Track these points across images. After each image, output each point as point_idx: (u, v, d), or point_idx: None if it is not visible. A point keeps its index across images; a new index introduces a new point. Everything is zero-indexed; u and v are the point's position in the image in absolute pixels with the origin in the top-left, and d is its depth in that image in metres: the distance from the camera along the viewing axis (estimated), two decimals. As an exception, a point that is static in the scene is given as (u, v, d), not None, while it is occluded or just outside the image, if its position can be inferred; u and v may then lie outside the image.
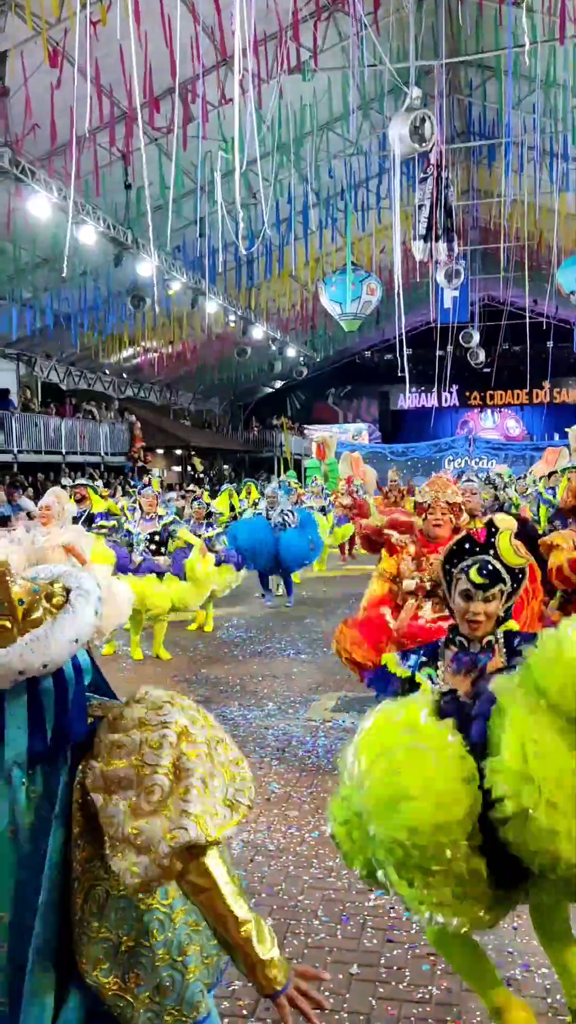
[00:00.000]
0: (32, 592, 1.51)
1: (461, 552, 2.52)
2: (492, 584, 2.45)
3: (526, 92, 14.37)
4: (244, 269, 19.19)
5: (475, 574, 2.44)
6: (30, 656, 1.44)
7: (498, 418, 34.33)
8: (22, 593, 1.50)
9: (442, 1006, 2.89)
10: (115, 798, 1.47)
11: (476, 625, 2.47)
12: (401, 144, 8.71)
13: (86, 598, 1.54)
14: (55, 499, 6.57)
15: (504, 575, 2.47)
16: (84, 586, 1.56)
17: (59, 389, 23.03)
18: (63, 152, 11.37)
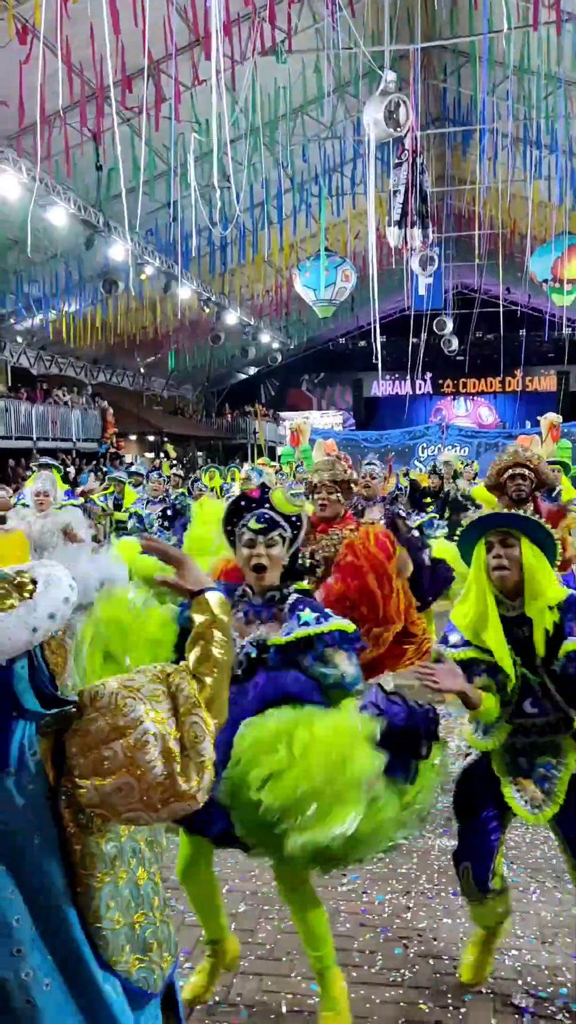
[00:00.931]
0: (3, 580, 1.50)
1: (239, 510, 2.68)
2: (270, 529, 2.61)
3: (501, 78, 14.36)
4: (218, 254, 19.03)
5: (253, 523, 2.62)
6: None
7: (471, 406, 34.49)
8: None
9: (415, 989, 2.90)
10: (122, 807, 1.50)
11: (262, 572, 2.61)
12: (376, 129, 8.65)
13: (50, 589, 1.51)
14: (50, 484, 6.50)
15: (282, 522, 2.64)
16: (52, 577, 1.54)
17: (30, 374, 22.71)
18: (32, 131, 11.14)
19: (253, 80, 11.78)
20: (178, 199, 14.19)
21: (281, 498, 2.68)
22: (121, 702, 1.52)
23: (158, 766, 1.49)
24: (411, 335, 19.30)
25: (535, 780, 2.69)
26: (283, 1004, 2.83)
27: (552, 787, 2.66)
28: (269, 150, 15.38)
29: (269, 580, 2.63)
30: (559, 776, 2.67)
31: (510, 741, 2.72)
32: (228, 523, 2.71)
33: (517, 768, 2.73)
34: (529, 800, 2.67)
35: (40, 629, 1.48)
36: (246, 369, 34.11)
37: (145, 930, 1.62)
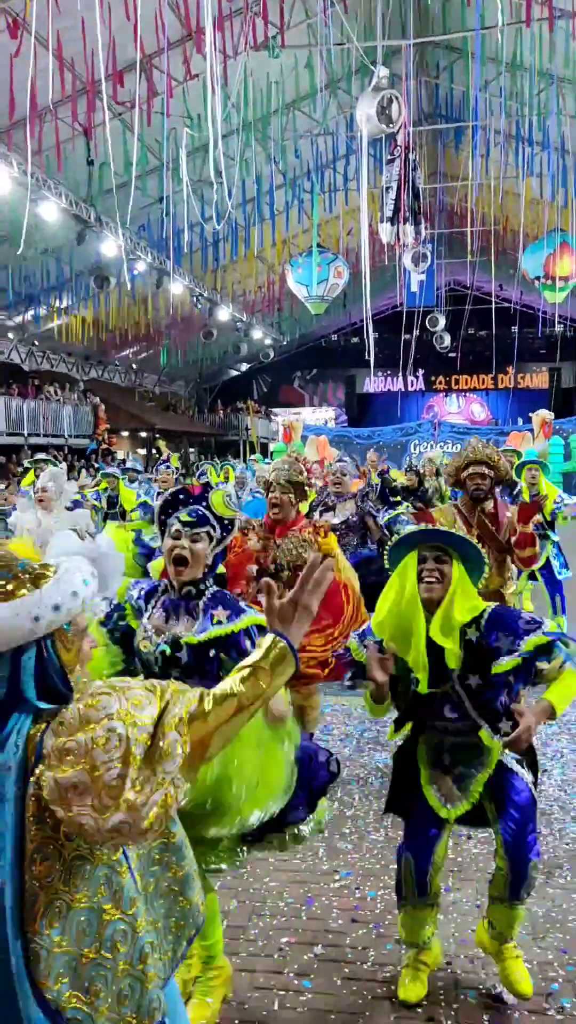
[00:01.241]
0: (18, 569, 1.51)
1: (176, 503, 2.72)
2: (199, 524, 2.64)
3: (493, 75, 14.35)
4: (210, 250, 18.98)
5: (184, 515, 2.66)
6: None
7: (463, 402, 34.54)
8: (4, 566, 1.51)
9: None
10: (75, 808, 1.41)
11: (182, 566, 2.62)
12: (368, 124, 8.63)
13: (62, 581, 1.52)
14: (51, 481, 6.44)
15: (212, 521, 2.68)
16: (68, 570, 1.55)
17: (21, 369, 22.63)
18: (22, 125, 11.09)
19: (245, 75, 11.75)
20: (170, 194, 14.15)
21: (220, 500, 2.73)
22: (98, 694, 1.47)
23: (114, 768, 1.41)
24: (403, 332, 19.33)
25: (453, 777, 2.76)
26: (275, 1001, 2.83)
27: (468, 785, 2.74)
28: (262, 145, 15.34)
29: (188, 575, 2.64)
30: (477, 776, 2.74)
31: (435, 739, 2.80)
32: (163, 514, 2.75)
33: (439, 764, 2.80)
34: (445, 795, 2.75)
35: (43, 619, 1.47)
36: (238, 365, 34.07)
37: (93, 970, 1.49)
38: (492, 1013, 2.77)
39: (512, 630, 2.61)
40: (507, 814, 2.70)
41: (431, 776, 2.80)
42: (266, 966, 3.01)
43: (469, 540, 2.71)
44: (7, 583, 1.49)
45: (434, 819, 2.78)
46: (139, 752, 1.42)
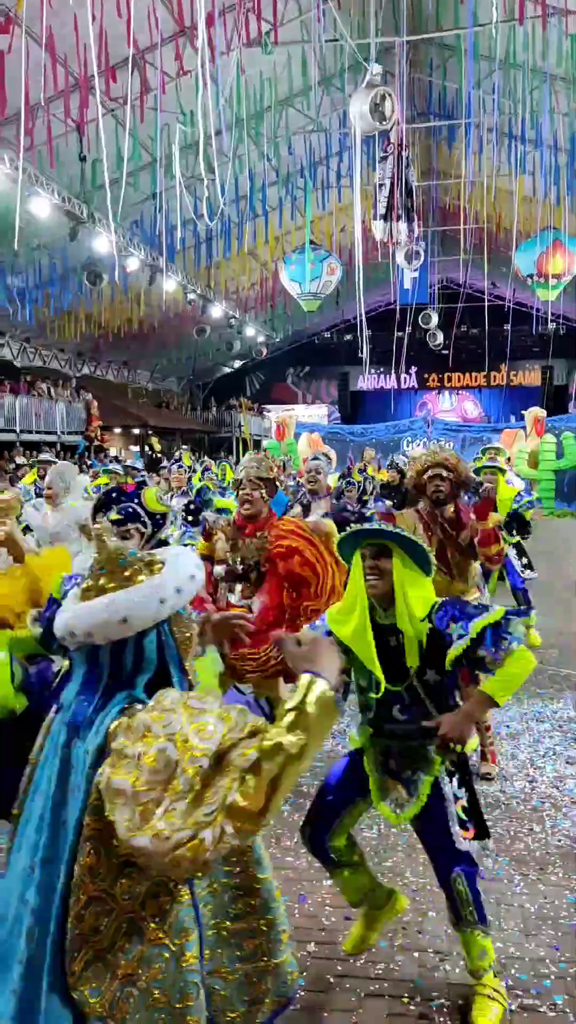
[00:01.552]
0: (131, 557, 1.60)
1: (109, 502, 2.80)
2: (127, 521, 2.72)
3: (486, 72, 14.36)
4: (203, 247, 18.94)
5: (113, 514, 2.73)
6: (109, 611, 1.52)
7: (456, 400, 34.58)
8: (119, 555, 1.60)
9: (400, 983, 2.92)
10: (116, 814, 1.41)
11: None
12: (362, 121, 8.62)
13: (178, 566, 1.61)
14: (58, 477, 6.42)
15: (144, 517, 2.76)
16: (180, 556, 1.65)
17: (13, 366, 22.54)
18: (15, 121, 11.04)
19: (238, 71, 11.72)
20: (163, 191, 14.12)
21: (152, 496, 2.81)
22: (167, 710, 1.46)
23: (154, 791, 1.39)
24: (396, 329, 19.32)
25: (402, 782, 2.79)
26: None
27: (416, 789, 2.76)
28: (254, 142, 15.31)
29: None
30: (423, 779, 2.76)
31: (384, 743, 2.81)
32: (97, 511, 2.83)
33: (387, 769, 2.82)
34: (394, 800, 2.79)
35: (168, 601, 1.56)
36: (231, 362, 34.03)
37: (124, 986, 1.46)
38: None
39: (462, 614, 2.63)
40: (427, 832, 2.77)
41: (380, 782, 2.81)
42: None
43: (404, 535, 2.71)
44: (125, 571, 1.57)
45: (347, 804, 2.84)
46: (183, 784, 1.38)
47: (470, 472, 4.69)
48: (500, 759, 4.89)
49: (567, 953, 3.07)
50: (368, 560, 2.67)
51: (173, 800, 1.37)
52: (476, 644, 2.57)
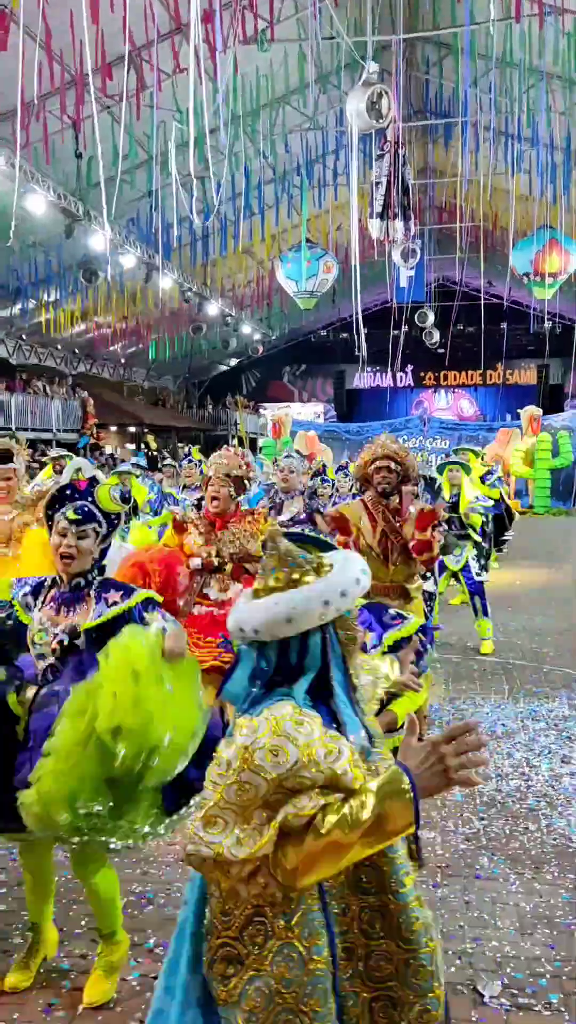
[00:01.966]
0: (300, 559, 1.66)
1: (62, 498, 2.79)
2: (85, 521, 2.72)
3: (483, 71, 14.34)
4: (199, 244, 18.91)
5: (71, 513, 2.72)
6: (275, 610, 1.58)
7: (452, 398, 34.59)
8: (289, 557, 1.65)
9: (394, 981, 2.91)
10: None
11: (69, 561, 2.72)
12: (358, 119, 8.60)
13: (345, 569, 1.65)
14: (75, 474, 6.40)
15: (99, 516, 2.76)
16: (347, 560, 1.69)
17: (9, 364, 22.49)
18: (10, 118, 11.01)
19: (235, 68, 11.69)
20: (159, 188, 14.09)
21: (105, 495, 2.82)
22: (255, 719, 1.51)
23: (208, 792, 1.47)
24: (392, 327, 19.32)
25: None
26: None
27: None
28: (251, 140, 15.29)
29: (76, 568, 2.75)
30: None
31: None
32: (49, 508, 2.81)
33: None
34: None
35: (332, 604, 1.60)
36: (227, 360, 34.00)
37: (255, 980, 1.52)
38: (480, 1009, 2.78)
39: (379, 622, 2.67)
40: None
41: None
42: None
43: (300, 535, 2.72)
44: (294, 572, 1.63)
45: None
46: (230, 795, 1.45)
47: (416, 467, 4.72)
48: (496, 757, 4.90)
49: (562, 952, 3.07)
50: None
51: (219, 809, 1.44)
52: (388, 655, 2.59)
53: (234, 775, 1.45)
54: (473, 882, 3.56)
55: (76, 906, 3.32)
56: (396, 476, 4.52)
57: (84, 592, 2.77)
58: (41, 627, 2.74)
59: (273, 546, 1.68)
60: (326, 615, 1.60)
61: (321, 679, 1.63)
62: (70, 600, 2.75)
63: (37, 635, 2.75)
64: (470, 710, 5.77)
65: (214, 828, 1.43)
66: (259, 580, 1.69)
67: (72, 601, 2.75)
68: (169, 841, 3.89)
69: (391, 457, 4.52)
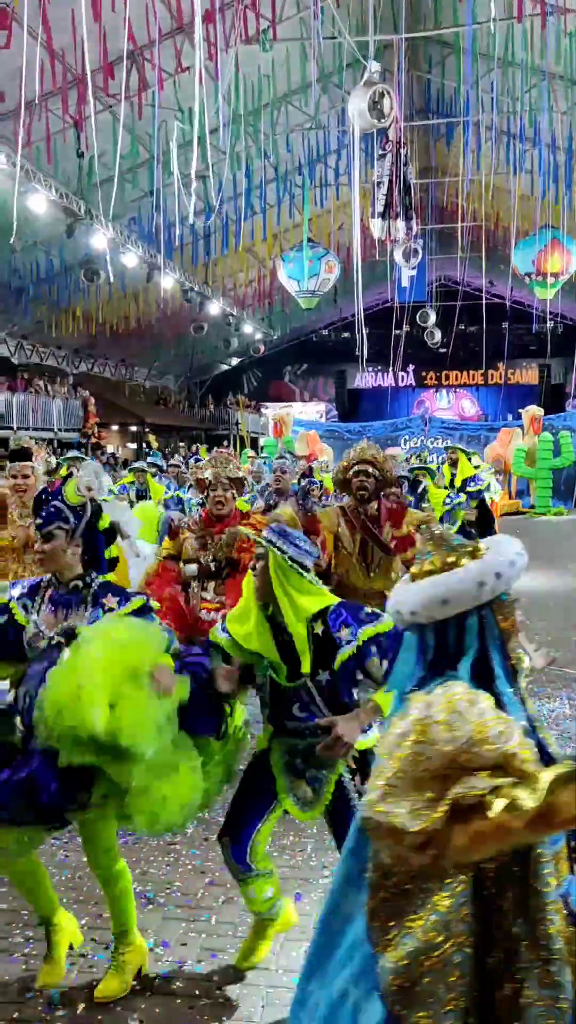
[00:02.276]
0: (456, 543, 1.72)
1: (39, 503, 2.91)
2: (47, 523, 2.75)
3: (485, 71, 14.34)
4: (201, 243, 18.91)
5: (38, 519, 2.80)
6: (431, 592, 1.64)
7: (453, 398, 34.58)
8: (444, 541, 1.72)
9: (394, 981, 2.91)
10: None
11: (41, 562, 2.79)
12: (360, 119, 8.60)
13: (499, 552, 1.70)
14: (93, 476, 6.39)
15: (66, 513, 2.79)
16: (502, 543, 1.75)
17: (10, 363, 22.50)
18: (12, 118, 11.01)
19: (236, 68, 11.69)
20: (160, 187, 14.09)
21: (71, 490, 2.88)
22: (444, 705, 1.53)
23: (384, 761, 1.50)
24: (394, 327, 19.32)
25: (307, 780, 2.83)
26: (264, 997, 2.84)
27: (320, 788, 2.81)
28: (252, 139, 15.29)
29: (52, 567, 2.78)
30: (327, 778, 2.81)
31: (288, 742, 2.84)
32: (35, 514, 2.95)
33: (293, 768, 2.85)
34: (300, 798, 2.84)
35: (487, 585, 1.64)
36: (229, 360, 34.00)
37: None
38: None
39: (355, 619, 2.70)
40: (337, 829, 2.78)
41: (288, 784, 2.85)
42: (256, 964, 3.01)
43: (271, 538, 2.76)
44: (449, 555, 1.68)
45: (262, 812, 2.87)
46: (405, 765, 1.48)
47: (393, 472, 4.74)
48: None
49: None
50: (253, 560, 2.81)
51: (394, 776, 1.48)
52: (364, 650, 2.65)
53: (409, 746, 1.49)
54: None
55: (76, 906, 3.32)
56: (374, 481, 4.54)
57: (82, 594, 2.78)
58: (37, 630, 2.76)
59: (428, 531, 1.76)
60: (481, 597, 1.64)
61: (481, 662, 1.66)
62: (68, 602, 2.77)
63: (33, 637, 2.77)
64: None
65: (391, 798, 1.47)
66: (416, 565, 1.74)
67: (69, 603, 2.77)
68: (168, 841, 3.90)
69: (369, 462, 4.54)
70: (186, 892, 3.49)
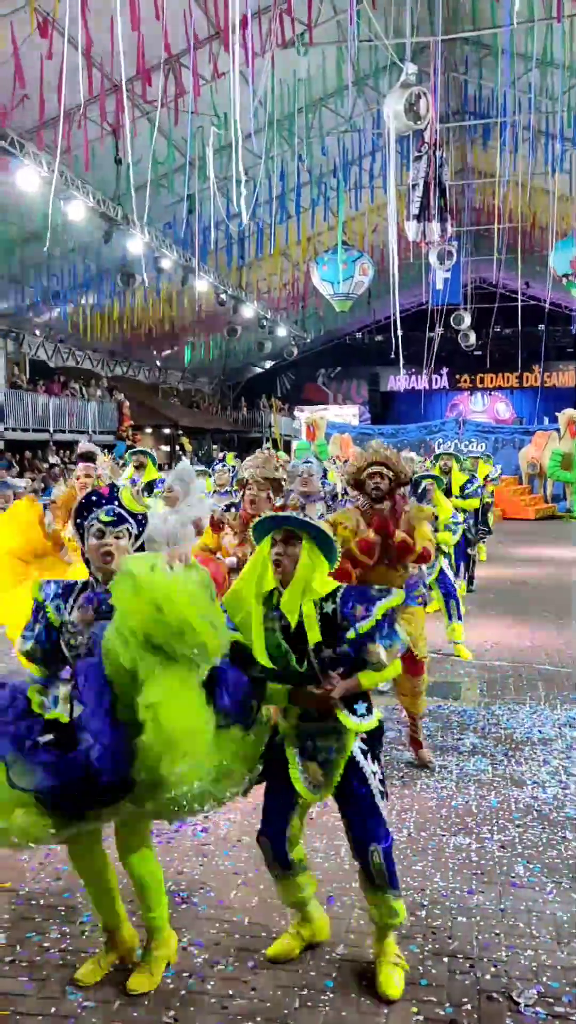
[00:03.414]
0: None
1: (89, 505, 2.86)
2: (119, 522, 2.82)
3: (522, 71, 14.21)
4: (235, 247, 18.99)
5: (103, 515, 2.81)
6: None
7: (488, 401, 34.31)
8: None
9: (429, 987, 2.90)
10: None
11: (109, 557, 2.79)
12: (396, 121, 8.58)
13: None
14: (177, 480, 6.46)
15: (128, 519, 2.85)
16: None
17: (47, 366, 22.81)
18: (52, 125, 11.17)
19: (272, 73, 11.72)
20: (196, 192, 14.18)
21: (129, 497, 2.91)
22: None
23: None
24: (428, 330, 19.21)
25: (318, 762, 2.91)
26: (296, 999, 2.84)
27: (331, 771, 2.89)
28: (288, 143, 15.32)
29: (115, 566, 2.80)
30: (336, 760, 2.89)
31: (300, 724, 2.93)
32: (78, 516, 2.87)
33: (304, 750, 2.93)
34: (311, 780, 2.91)
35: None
36: (262, 363, 34.08)
37: None
38: (516, 1017, 2.76)
39: (366, 598, 2.84)
40: (349, 808, 2.91)
41: (299, 763, 2.93)
42: (288, 966, 3.02)
43: (313, 523, 2.91)
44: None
45: (291, 803, 2.94)
46: None
47: (407, 472, 4.74)
48: (532, 765, 4.84)
49: (599, 962, 3.03)
50: (278, 546, 2.87)
51: None
52: (380, 623, 2.80)
53: None
54: (509, 890, 3.53)
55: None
56: (388, 482, 4.57)
57: None
58: (74, 629, 2.78)
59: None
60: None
61: None
62: (104, 600, 2.77)
63: (71, 637, 2.79)
64: (505, 716, 5.72)
65: None
66: None
67: (108, 601, 2.76)
68: (201, 842, 3.92)
69: (383, 463, 4.58)
70: (219, 893, 3.50)
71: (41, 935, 3.18)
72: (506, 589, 10.84)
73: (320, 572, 2.88)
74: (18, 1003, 2.80)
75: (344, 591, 2.88)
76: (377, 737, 3.00)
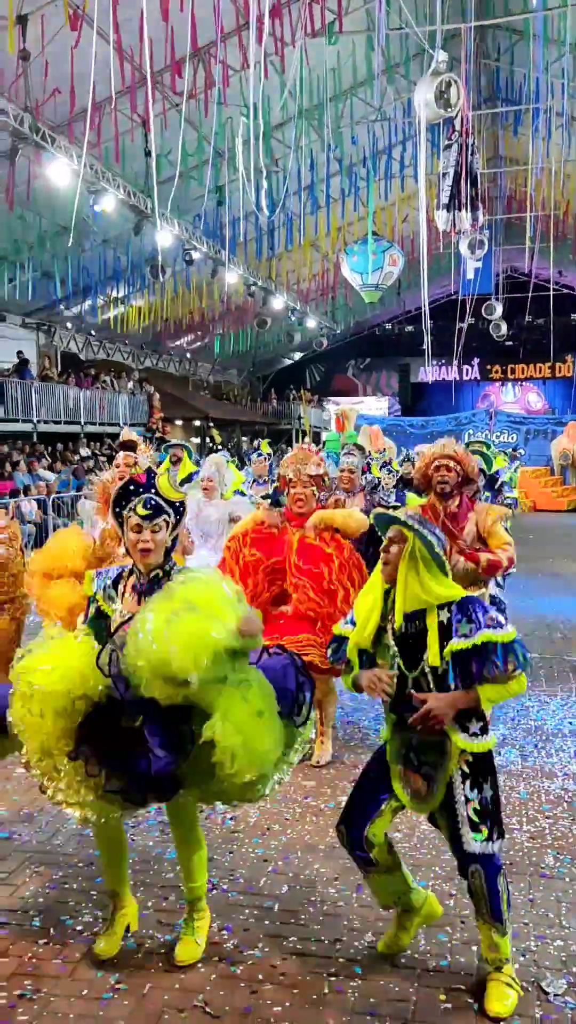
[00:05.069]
0: None
1: (127, 494, 2.83)
2: (156, 515, 2.79)
3: (555, 56, 13.99)
4: (265, 239, 18.97)
5: (140, 508, 2.78)
6: None
7: (519, 391, 33.96)
8: None
9: (456, 975, 2.91)
10: None
11: (147, 553, 2.78)
12: (426, 109, 8.51)
13: None
14: (215, 469, 6.50)
15: (167, 508, 2.82)
16: None
17: (78, 359, 22.99)
18: (83, 118, 11.24)
19: (301, 62, 11.67)
20: (226, 183, 14.18)
21: (166, 485, 2.88)
22: None
23: None
24: (458, 320, 19.05)
25: (422, 775, 2.82)
26: (326, 986, 2.86)
27: (434, 785, 2.79)
28: (318, 133, 15.25)
29: (153, 561, 2.81)
30: (440, 776, 2.78)
31: (403, 735, 2.84)
32: (116, 506, 2.86)
33: (407, 761, 2.85)
34: (413, 792, 2.84)
35: None
36: (292, 354, 34.05)
37: None
38: (545, 1006, 2.76)
39: (475, 619, 2.70)
40: (448, 833, 2.79)
41: (401, 773, 2.86)
42: (318, 951, 3.04)
43: (419, 528, 2.77)
44: None
45: (381, 801, 2.88)
46: None
47: (475, 468, 4.68)
48: (562, 756, 4.82)
49: (630, 955, 3.02)
50: (384, 544, 2.82)
51: None
52: (477, 652, 2.66)
53: None
54: (538, 880, 3.52)
55: (143, 888, 3.40)
56: (455, 476, 4.52)
57: (163, 583, 2.82)
58: (124, 619, 2.80)
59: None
60: None
61: None
62: (150, 591, 2.80)
63: (121, 627, 2.80)
64: (536, 707, 5.68)
65: None
66: None
67: (152, 592, 2.80)
68: (232, 830, 3.96)
69: (451, 457, 4.53)
70: (249, 880, 3.54)
71: (73, 919, 3.24)
72: (538, 581, 10.76)
73: (427, 580, 2.73)
74: (51, 985, 2.85)
75: (462, 600, 2.75)
76: (485, 763, 2.79)
